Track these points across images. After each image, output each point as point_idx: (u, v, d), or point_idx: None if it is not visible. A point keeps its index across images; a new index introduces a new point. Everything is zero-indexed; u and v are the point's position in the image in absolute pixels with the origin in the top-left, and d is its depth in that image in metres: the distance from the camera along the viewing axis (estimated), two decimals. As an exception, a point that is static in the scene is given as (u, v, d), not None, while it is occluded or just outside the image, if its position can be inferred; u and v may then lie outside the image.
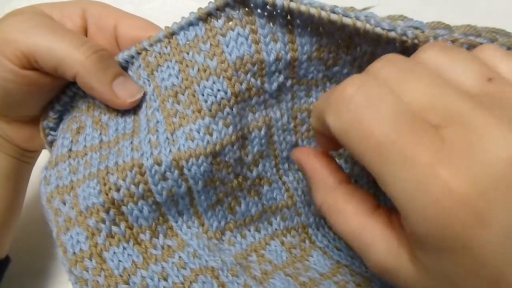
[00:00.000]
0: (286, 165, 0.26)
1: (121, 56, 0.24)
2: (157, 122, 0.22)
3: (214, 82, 0.22)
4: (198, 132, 0.22)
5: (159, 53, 0.23)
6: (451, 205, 0.13)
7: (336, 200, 0.18)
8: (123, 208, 0.22)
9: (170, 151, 0.22)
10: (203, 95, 0.22)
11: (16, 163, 0.28)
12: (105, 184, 0.21)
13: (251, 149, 0.24)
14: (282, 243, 0.26)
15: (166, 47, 0.23)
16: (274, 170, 0.26)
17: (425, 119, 0.14)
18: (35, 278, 0.35)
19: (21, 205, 0.30)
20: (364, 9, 0.40)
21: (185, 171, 0.22)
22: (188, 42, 0.22)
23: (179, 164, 0.22)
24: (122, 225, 0.22)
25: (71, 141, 0.24)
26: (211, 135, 0.22)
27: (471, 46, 0.21)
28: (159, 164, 0.22)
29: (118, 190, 0.22)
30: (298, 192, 0.27)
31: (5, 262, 0.30)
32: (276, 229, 0.27)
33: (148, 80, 0.23)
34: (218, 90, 0.22)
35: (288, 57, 0.23)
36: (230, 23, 0.22)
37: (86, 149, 0.23)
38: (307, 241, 0.27)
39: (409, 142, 0.14)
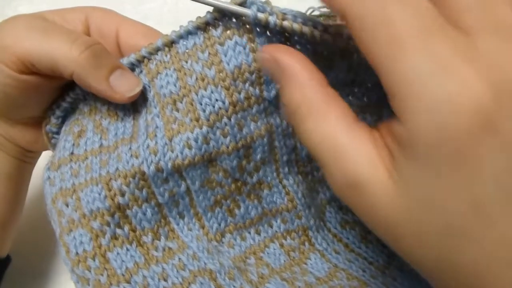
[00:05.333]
0: (286, 169, 0.26)
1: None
2: (156, 127, 0.23)
3: (212, 92, 0.22)
4: (196, 142, 0.22)
5: (160, 61, 0.23)
6: (463, 103, 0.13)
7: (318, 99, 0.16)
8: (128, 211, 0.23)
9: (169, 158, 0.22)
10: (201, 104, 0.22)
11: (18, 163, 0.29)
12: (109, 190, 0.22)
13: (254, 157, 0.25)
14: (282, 245, 0.27)
15: (166, 55, 0.23)
16: (275, 174, 0.26)
17: (458, 20, 0.14)
18: (35, 279, 0.35)
19: (22, 205, 0.31)
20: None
21: (184, 174, 0.23)
22: (187, 51, 0.23)
23: (179, 169, 0.23)
24: (126, 227, 0.23)
25: (73, 144, 0.25)
26: (208, 144, 0.23)
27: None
28: (161, 171, 0.23)
29: (123, 195, 0.23)
30: (298, 195, 0.27)
31: (6, 262, 0.31)
32: (276, 231, 0.27)
33: (149, 87, 0.24)
34: (216, 100, 0.22)
35: None
36: (228, 32, 0.22)
37: (87, 153, 0.24)
38: (306, 244, 0.28)
39: (434, 33, 0.13)
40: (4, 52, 0.22)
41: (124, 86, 0.23)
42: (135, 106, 0.24)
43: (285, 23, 0.21)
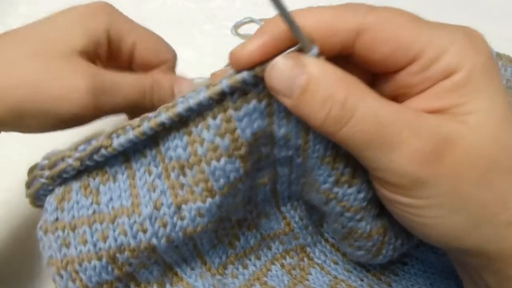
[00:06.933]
0: (286, 199, 0.27)
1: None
2: (161, 192, 0.21)
3: (226, 163, 0.20)
4: (210, 211, 0.21)
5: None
6: (479, 39, 0.18)
7: (364, 85, 0.17)
8: (135, 274, 0.23)
9: (180, 228, 0.21)
10: (213, 175, 0.20)
11: None
12: (115, 263, 0.21)
13: (255, 198, 0.25)
14: (282, 266, 0.28)
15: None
16: (273, 204, 0.26)
17: None
18: (32, 279, 0.35)
19: None
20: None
21: (194, 236, 0.23)
22: (195, 115, 0.19)
23: (190, 235, 0.22)
24: (132, 285, 0.23)
25: (56, 208, 0.22)
26: (220, 210, 0.22)
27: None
28: (172, 242, 0.22)
29: (130, 265, 0.22)
30: (295, 219, 0.27)
31: None
32: (275, 253, 0.28)
33: (149, 142, 0.21)
34: (231, 171, 0.20)
35: (299, 142, 0.21)
36: (248, 96, 0.19)
37: (76, 221, 0.21)
38: (305, 259, 0.28)
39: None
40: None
41: None
42: (128, 161, 0.22)
43: None
